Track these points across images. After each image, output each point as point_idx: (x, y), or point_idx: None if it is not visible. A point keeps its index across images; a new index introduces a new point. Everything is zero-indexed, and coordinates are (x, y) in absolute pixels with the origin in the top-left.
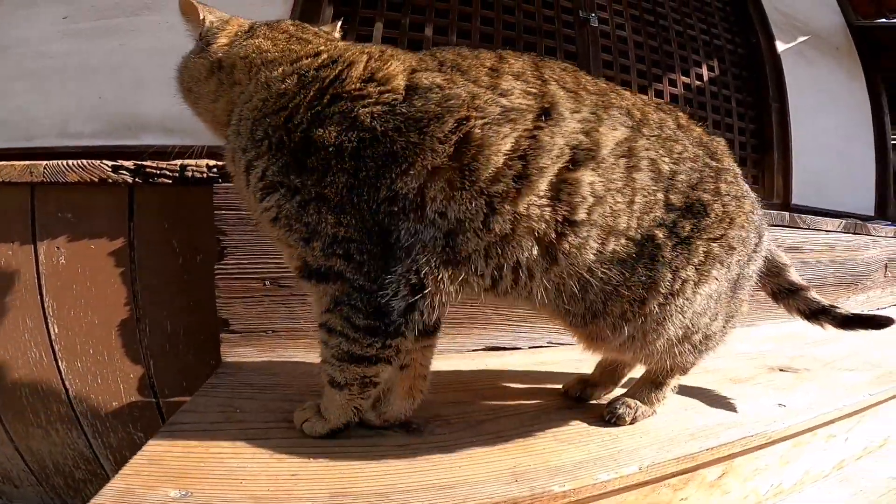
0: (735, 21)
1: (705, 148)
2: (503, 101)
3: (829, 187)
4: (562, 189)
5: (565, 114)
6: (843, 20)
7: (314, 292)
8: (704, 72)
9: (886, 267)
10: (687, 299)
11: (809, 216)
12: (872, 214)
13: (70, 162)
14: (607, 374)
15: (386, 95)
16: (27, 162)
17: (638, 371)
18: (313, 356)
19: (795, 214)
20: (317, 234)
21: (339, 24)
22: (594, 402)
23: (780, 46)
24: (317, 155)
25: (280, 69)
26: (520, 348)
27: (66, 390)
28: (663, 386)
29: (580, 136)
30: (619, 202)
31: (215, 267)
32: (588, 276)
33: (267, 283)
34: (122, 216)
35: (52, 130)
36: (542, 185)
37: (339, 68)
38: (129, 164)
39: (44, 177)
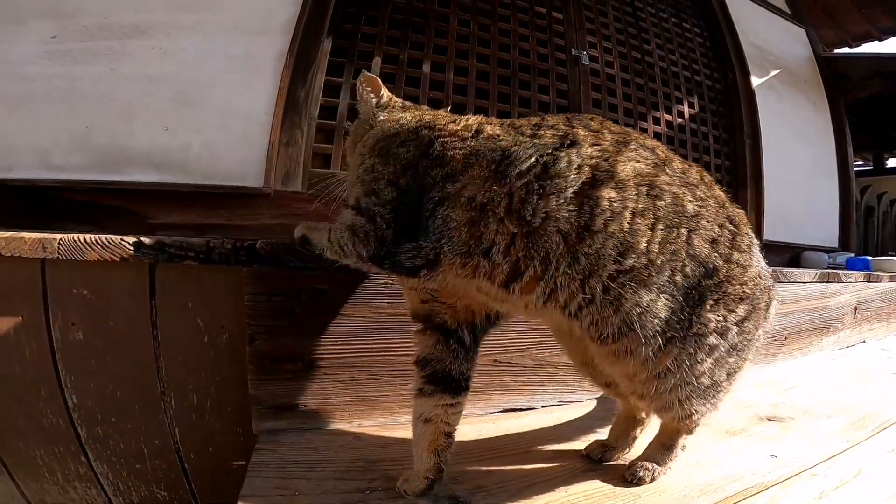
0: (714, 56)
1: (725, 210)
2: (535, 140)
3: (795, 221)
4: (584, 202)
5: (584, 144)
6: (811, 52)
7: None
8: (685, 108)
9: (856, 309)
10: (695, 350)
11: (789, 269)
12: (836, 246)
13: (88, 238)
14: (622, 438)
15: (462, 132)
16: (39, 235)
17: (649, 434)
18: (344, 425)
19: (777, 270)
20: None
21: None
22: (613, 462)
23: (755, 81)
24: (396, 159)
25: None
26: (534, 408)
27: (86, 453)
28: (673, 447)
29: (599, 161)
30: (638, 223)
31: (247, 349)
32: (617, 287)
33: (299, 363)
34: (143, 294)
35: (33, 161)
36: (568, 192)
37: (433, 119)
38: (151, 241)
39: (58, 253)
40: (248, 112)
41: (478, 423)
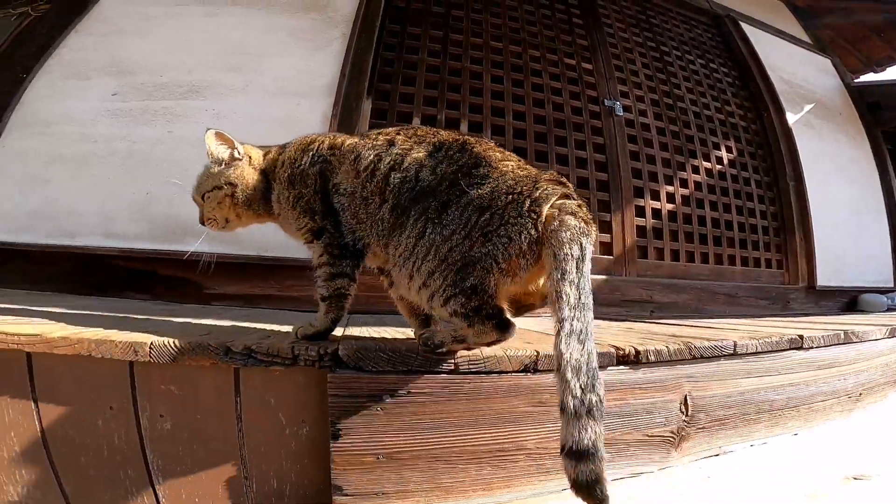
0: (746, 96)
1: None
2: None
3: (847, 263)
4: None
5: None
6: (840, 82)
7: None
8: (723, 153)
9: None
10: None
11: (861, 328)
12: (892, 286)
13: (178, 343)
14: None
15: None
16: (130, 338)
17: None
18: None
19: (849, 331)
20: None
21: None
22: None
23: (790, 118)
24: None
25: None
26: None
27: None
28: None
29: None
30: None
31: (331, 445)
32: None
33: (380, 458)
34: (229, 392)
35: (96, 229)
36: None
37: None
38: (238, 347)
39: (150, 357)
40: None
41: (552, 501)
